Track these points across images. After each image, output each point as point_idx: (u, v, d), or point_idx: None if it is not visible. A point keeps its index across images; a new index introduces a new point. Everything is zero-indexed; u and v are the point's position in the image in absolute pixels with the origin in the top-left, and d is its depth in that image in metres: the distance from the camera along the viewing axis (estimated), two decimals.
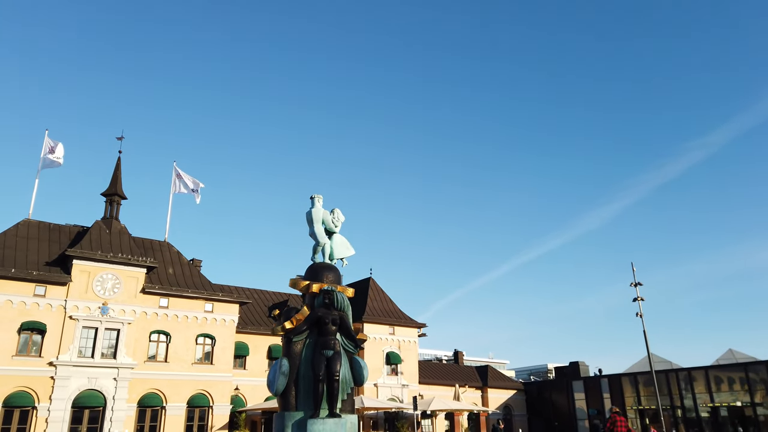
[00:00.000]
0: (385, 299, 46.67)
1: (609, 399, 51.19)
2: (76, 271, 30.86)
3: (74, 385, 29.45)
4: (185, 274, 35.59)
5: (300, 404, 10.10)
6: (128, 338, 31.35)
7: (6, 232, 31.73)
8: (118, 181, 35.65)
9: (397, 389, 43.10)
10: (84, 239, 32.13)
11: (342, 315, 10.75)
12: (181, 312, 33.56)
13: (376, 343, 43.15)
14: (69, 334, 29.92)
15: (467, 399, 50.63)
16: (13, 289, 29.20)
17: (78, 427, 29.43)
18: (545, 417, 55.46)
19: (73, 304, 30.36)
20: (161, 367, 32.21)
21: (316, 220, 11.49)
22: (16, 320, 28.97)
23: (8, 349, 28.47)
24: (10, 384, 28.04)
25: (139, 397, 31.18)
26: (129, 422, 30.57)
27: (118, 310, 31.40)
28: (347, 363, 10.65)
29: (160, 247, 36.56)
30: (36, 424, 28.25)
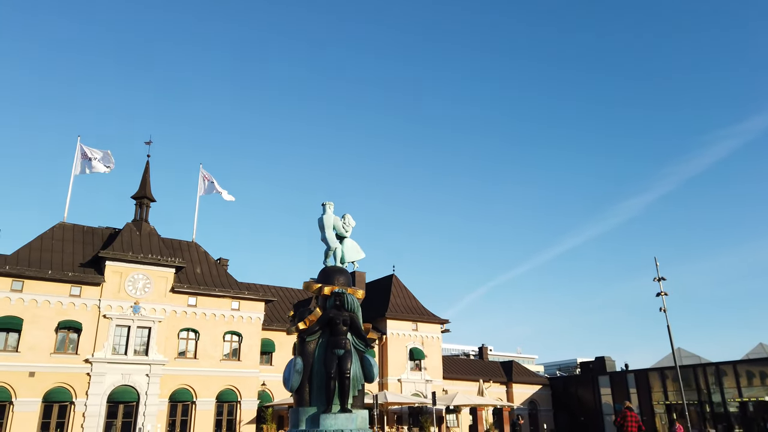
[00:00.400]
0: (408, 296, 47.19)
1: (636, 394, 50.87)
2: (108, 271, 32.16)
3: (109, 381, 30.77)
4: (212, 273, 36.70)
5: (313, 400, 10.73)
6: (159, 336, 32.57)
7: (42, 236, 33.20)
8: (147, 184, 36.90)
9: (421, 384, 43.63)
10: (116, 241, 33.42)
11: (352, 316, 11.34)
12: (209, 310, 34.67)
13: (399, 339, 43.75)
14: (103, 332, 31.24)
15: (492, 394, 50.90)
16: (50, 290, 30.61)
17: (113, 421, 30.76)
18: (571, 412, 55.36)
19: (106, 303, 31.67)
20: (191, 364, 33.38)
21: (327, 226, 12.10)
22: (54, 319, 30.38)
23: (47, 347, 29.90)
24: (49, 380, 29.47)
25: (171, 392, 32.38)
26: (161, 416, 31.80)
27: (149, 309, 32.63)
28: (358, 361, 11.24)
29: (188, 247, 37.74)
30: (74, 419, 29.64)
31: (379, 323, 43.99)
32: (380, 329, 43.68)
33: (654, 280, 37.79)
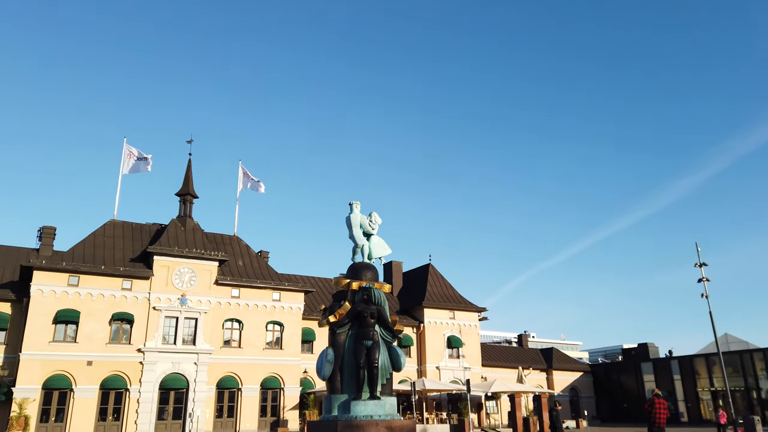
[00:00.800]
0: (444, 285, 47.67)
1: (680, 381, 50.27)
2: (156, 266, 33.80)
3: (160, 369, 32.50)
4: (254, 265, 38.04)
5: (344, 388, 11.48)
6: (205, 326, 34.11)
7: (95, 233, 35.11)
8: (190, 181, 38.42)
9: (459, 372, 44.18)
10: (162, 237, 35.05)
11: (379, 309, 11.99)
12: (251, 301, 36.03)
13: (436, 327, 44.36)
14: (153, 323, 32.95)
15: (532, 381, 51.00)
16: (104, 284, 32.45)
17: (165, 407, 32.52)
18: (613, 398, 55.03)
19: (155, 296, 33.35)
20: (236, 353, 34.86)
21: (354, 225, 12.76)
22: (108, 311, 32.22)
23: (102, 337, 31.78)
24: (105, 369, 31.36)
25: (218, 379, 33.94)
26: (209, 402, 33.41)
27: (195, 301, 34.18)
28: (386, 351, 11.91)
29: (230, 241, 39.18)
30: (129, 405, 31.49)
31: (417, 312, 44.69)
32: (417, 318, 44.38)
33: (695, 266, 37.29)
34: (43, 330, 30.44)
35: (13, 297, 31.68)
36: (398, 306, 46.11)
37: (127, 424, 31.19)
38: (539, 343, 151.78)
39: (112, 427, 31.07)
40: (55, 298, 31.11)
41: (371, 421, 10.84)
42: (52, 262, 31.53)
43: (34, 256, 33.58)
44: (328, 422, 11.10)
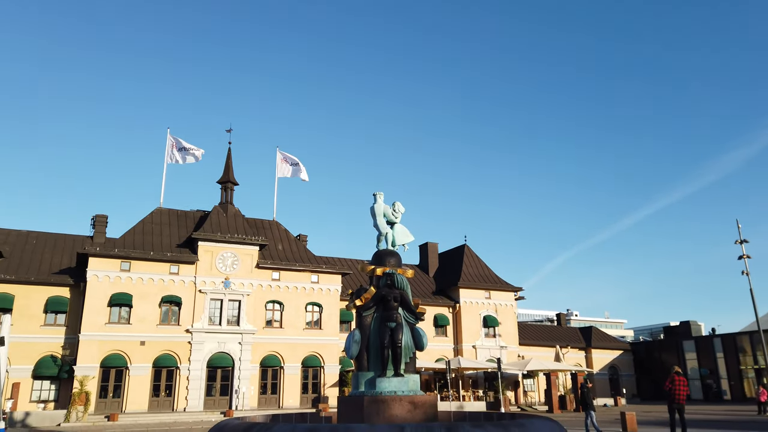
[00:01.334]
0: (480, 265, 48.12)
1: (723, 359, 49.61)
2: (201, 251, 35.49)
3: (207, 348, 34.34)
4: (293, 249, 39.40)
5: (371, 366, 12.33)
6: (248, 308, 35.73)
7: (144, 220, 37.03)
8: (230, 169, 39.89)
9: (496, 350, 44.81)
10: (206, 223, 36.68)
11: (402, 293, 12.72)
12: (291, 283, 37.45)
13: (472, 307, 44.98)
14: (200, 305, 34.74)
15: (570, 360, 51.23)
16: (153, 269, 34.34)
17: (213, 383, 34.41)
18: (654, 377, 54.67)
19: (201, 279, 35.09)
20: (277, 333, 36.43)
21: (378, 214, 13.47)
22: (158, 295, 34.14)
23: (153, 319, 33.75)
24: (157, 348, 33.37)
25: (261, 358, 35.61)
26: (254, 380, 35.15)
27: (238, 284, 35.79)
28: (409, 332, 12.68)
29: (269, 225, 40.62)
30: (179, 382, 33.48)
31: (452, 292, 45.39)
32: (453, 298, 45.09)
33: (736, 243, 36.79)
34: (99, 312, 32.57)
35: (71, 282, 33.90)
36: (434, 286, 46.88)
37: (178, 400, 33.22)
38: (582, 321, 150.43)
39: (164, 402, 33.15)
40: (109, 282, 33.17)
41: (395, 396, 11.69)
42: (105, 249, 33.54)
43: (88, 243, 35.75)
44: (355, 397, 12.01)
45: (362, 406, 11.50)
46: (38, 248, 36.38)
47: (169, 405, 33.16)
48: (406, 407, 11.60)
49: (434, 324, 43.81)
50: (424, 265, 50.02)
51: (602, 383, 53.14)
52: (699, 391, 50.90)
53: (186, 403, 33.10)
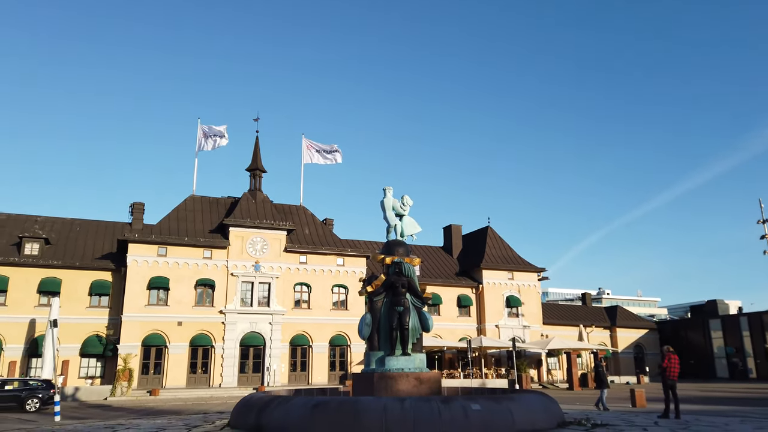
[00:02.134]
0: (503, 246, 48.89)
1: (749, 337, 49.57)
2: (232, 236, 37.26)
3: (240, 328, 36.27)
4: (319, 233, 40.91)
5: (381, 346, 13.62)
6: (277, 290, 37.48)
7: (178, 208, 38.95)
8: (258, 157, 41.44)
9: (518, 330, 45.79)
10: (236, 210, 38.40)
11: (409, 280, 13.91)
12: (317, 266, 39.03)
13: (495, 287, 45.93)
14: (232, 287, 36.62)
15: (594, 339, 51.88)
16: (188, 254, 36.29)
17: (246, 361, 36.41)
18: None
19: (233, 263, 36.91)
20: (305, 313, 38.15)
21: (387, 208, 14.64)
22: (193, 278, 36.11)
23: (189, 301, 35.78)
24: (193, 328, 35.43)
25: (290, 337, 37.42)
26: (284, 358, 37.01)
27: (268, 267, 37.52)
28: (416, 315, 13.89)
29: (296, 211, 42.15)
30: (215, 359, 35.56)
31: (475, 273, 46.38)
32: (476, 279, 46.09)
33: (758, 223, 36.82)
34: (139, 295, 34.72)
35: (113, 267, 36.10)
36: (458, 268, 47.91)
37: (213, 377, 35.32)
38: (614, 300, 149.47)
39: (201, 379, 35.31)
40: (148, 267, 35.24)
41: (402, 373, 12.97)
42: (143, 236, 35.58)
43: (127, 230, 37.89)
44: (367, 374, 13.33)
45: (373, 382, 12.84)
46: (81, 235, 38.69)
47: (206, 381, 35.30)
48: (412, 383, 12.89)
49: (458, 304, 44.96)
50: (448, 246, 51.03)
51: (627, 362, 53.70)
52: (725, 369, 51.04)
53: (221, 379, 35.17)
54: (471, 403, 10.58)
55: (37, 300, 34.33)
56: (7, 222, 37.83)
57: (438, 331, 43.18)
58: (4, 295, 33.80)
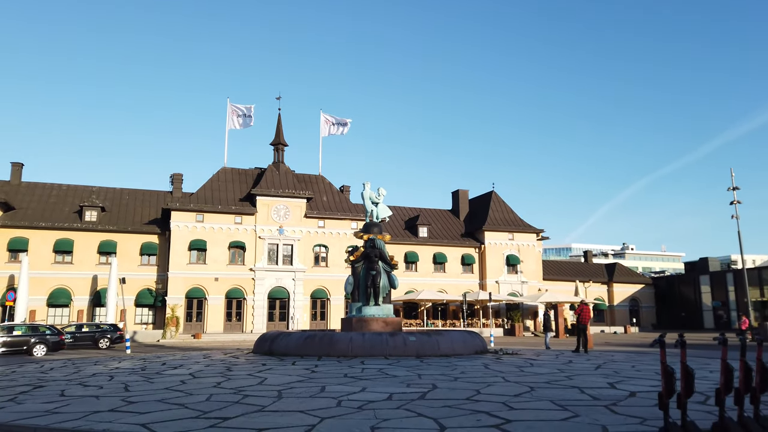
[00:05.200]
0: (505, 210, 53.42)
1: (734, 292, 53.56)
2: (259, 204, 42.79)
3: (267, 283, 42.23)
4: (335, 200, 46.17)
5: (360, 299, 18.87)
6: (299, 250, 43.15)
7: (212, 179, 44.57)
8: (281, 132, 46.51)
9: (517, 285, 50.80)
10: (262, 180, 43.80)
11: (381, 251, 18.99)
12: (334, 230, 44.46)
13: (496, 247, 50.78)
14: (260, 249, 42.40)
15: (593, 293, 56.64)
16: (222, 220, 42.05)
17: (273, 311, 42.51)
18: (672, 308, 59.36)
19: (260, 227, 42.59)
20: (324, 271, 43.86)
21: (366, 198, 19.63)
22: (226, 241, 41.97)
23: (223, 260, 41.76)
24: (227, 283, 41.53)
25: (311, 291, 43.29)
26: (306, 309, 43.00)
27: (290, 231, 43.11)
28: (386, 277, 19.03)
29: (315, 180, 47.37)
30: (246, 310, 41.73)
31: (479, 234, 51.23)
32: (480, 240, 50.96)
33: (728, 190, 40.60)
34: (182, 255, 40.82)
35: (158, 231, 42.18)
36: (463, 229, 52.79)
37: (246, 324, 41.59)
38: (637, 255, 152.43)
39: (235, 325, 41.63)
40: (188, 231, 41.19)
41: (374, 317, 18.27)
42: (183, 204, 41.41)
43: (169, 198, 43.79)
44: (349, 318, 18.69)
45: (352, 323, 18.24)
46: (130, 203, 44.81)
47: (239, 327, 41.61)
48: (380, 324, 18.24)
49: (461, 262, 50.09)
50: (455, 210, 55.81)
51: (622, 313, 58.46)
52: (712, 321, 55.36)
53: (252, 326, 41.42)
54: (410, 336, 15.86)
55: (97, 259, 40.76)
56: (68, 192, 44.14)
57: (443, 286, 48.64)
58: (70, 255, 40.29)
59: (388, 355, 15.11)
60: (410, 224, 50.54)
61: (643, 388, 9.77)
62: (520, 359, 15.55)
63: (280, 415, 7.27)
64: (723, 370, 5.91)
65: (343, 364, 13.32)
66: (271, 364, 13.66)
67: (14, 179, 43.44)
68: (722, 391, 5.90)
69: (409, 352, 15.30)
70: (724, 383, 5.91)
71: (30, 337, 24.05)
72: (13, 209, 40.22)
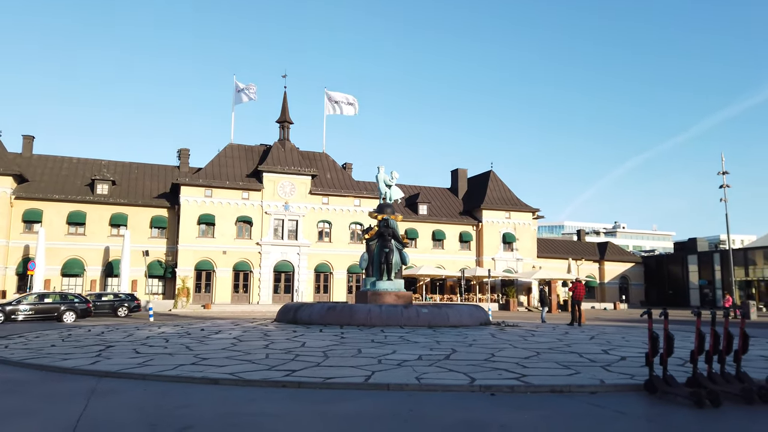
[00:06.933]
0: (503, 189, 54.97)
1: (719, 271, 55.72)
2: (265, 180, 44.10)
3: (273, 257, 43.80)
4: (339, 177, 47.53)
5: (374, 274, 20.50)
6: (304, 226, 44.65)
7: (219, 155, 45.75)
8: (286, 110, 47.57)
9: (512, 262, 52.65)
10: (268, 157, 45.02)
11: (393, 230, 20.55)
12: (337, 207, 45.92)
13: (493, 225, 52.46)
14: (266, 223, 43.85)
15: (585, 271, 58.65)
16: (229, 195, 43.38)
17: (278, 284, 44.18)
18: (661, 286, 61.60)
19: (266, 203, 43.97)
20: (327, 246, 45.44)
21: (380, 181, 21.10)
22: (234, 215, 43.37)
23: (231, 234, 43.21)
24: (235, 256, 43.06)
25: (314, 265, 44.92)
26: (310, 282, 44.68)
27: (295, 207, 44.53)
28: (398, 254, 20.63)
29: (319, 157, 48.63)
30: (253, 282, 43.37)
31: (477, 213, 52.86)
32: (477, 218, 52.61)
33: (718, 174, 42.24)
34: (191, 229, 42.23)
35: (168, 205, 43.49)
36: (461, 207, 54.39)
37: (252, 295, 43.28)
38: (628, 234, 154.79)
39: (242, 297, 43.31)
40: (197, 205, 42.52)
41: (387, 291, 19.91)
42: (192, 180, 42.65)
43: (177, 172, 45.00)
44: (364, 291, 20.34)
45: (367, 296, 19.89)
46: (140, 177, 45.99)
47: (246, 299, 43.29)
48: (393, 298, 19.89)
49: (459, 240, 51.79)
50: (454, 188, 57.32)
51: (612, 291, 60.62)
52: (697, 299, 57.63)
53: (258, 298, 43.10)
54: (422, 309, 17.53)
55: (109, 231, 42.11)
56: (78, 165, 45.23)
57: (441, 262, 50.40)
58: (83, 227, 41.60)
59: (403, 325, 16.77)
60: (410, 201, 52.00)
61: (631, 354, 11.46)
62: (521, 330, 17.27)
63: (336, 369, 8.87)
64: (696, 336, 7.55)
65: (366, 332, 14.96)
66: (301, 331, 15.29)
67: (26, 152, 44.43)
68: (696, 352, 7.54)
69: (421, 322, 16.96)
70: (697, 346, 7.56)
71: (60, 304, 25.58)
72: (27, 181, 41.34)
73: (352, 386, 7.59)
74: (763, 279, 51.59)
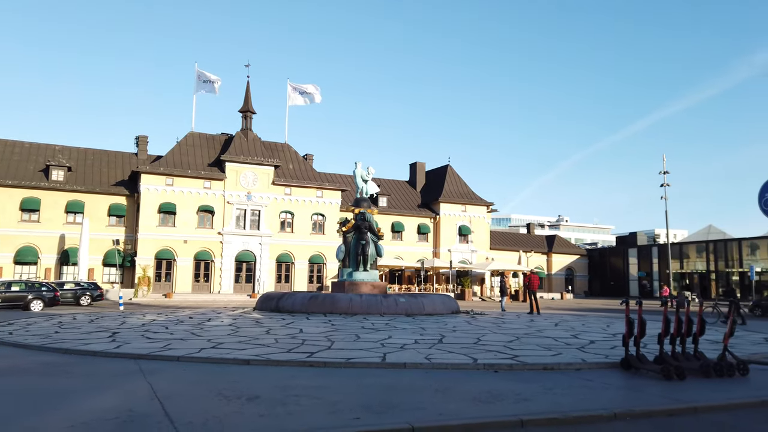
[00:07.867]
0: (459, 183, 56.76)
1: (657, 263, 59.45)
2: (228, 170, 44.12)
3: (234, 247, 43.97)
4: (302, 169, 48.01)
5: (350, 265, 21.48)
6: (266, 216, 44.97)
7: (180, 143, 45.36)
8: (249, 100, 47.55)
9: (467, 254, 54.59)
10: (231, 147, 45.01)
11: (369, 224, 21.58)
12: (300, 197, 46.44)
13: (450, 218, 54.19)
14: (228, 213, 43.93)
15: (534, 262, 61.32)
16: (191, 184, 43.18)
17: (240, 274, 44.41)
18: (603, 278, 65.14)
19: (228, 193, 44.01)
20: (289, 236, 45.95)
21: (357, 176, 22.06)
22: (195, 205, 43.22)
23: (193, 223, 43.08)
24: (196, 246, 42.99)
25: (276, 255, 45.36)
26: (271, 272, 45.11)
27: (258, 197, 44.77)
28: (373, 246, 21.69)
29: (282, 148, 48.92)
30: (214, 272, 43.44)
31: (434, 205, 54.44)
32: (435, 210, 54.21)
33: (659, 173, 45.22)
34: (151, 217, 41.85)
35: (127, 193, 42.89)
36: (420, 200, 55.85)
37: (213, 285, 43.37)
38: (571, 227, 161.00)
39: (203, 286, 43.33)
40: (158, 194, 42.14)
41: (363, 281, 20.95)
42: (153, 168, 42.22)
43: (134, 160, 44.37)
44: (341, 282, 21.31)
45: (344, 286, 20.86)
46: (96, 163, 45.07)
47: (207, 288, 43.34)
48: (369, 288, 20.94)
49: (417, 231, 53.26)
50: (413, 181, 58.71)
51: (559, 281, 63.69)
52: (636, 290, 61.34)
53: (220, 287, 43.24)
54: (399, 298, 18.66)
55: (65, 219, 41.21)
56: (31, 150, 43.93)
57: (400, 253, 51.73)
58: (37, 213, 40.57)
59: (383, 313, 17.86)
60: None
61: (597, 338, 12.95)
62: (491, 318, 18.68)
63: (348, 352, 9.84)
64: (664, 321, 8.95)
65: (351, 320, 15.95)
66: (290, 319, 16.12)
67: None
68: (662, 335, 8.94)
69: (399, 311, 18.10)
70: (663, 330, 8.96)
71: (27, 293, 25.29)
72: None
73: (372, 365, 8.60)
74: (696, 271, 55.53)
